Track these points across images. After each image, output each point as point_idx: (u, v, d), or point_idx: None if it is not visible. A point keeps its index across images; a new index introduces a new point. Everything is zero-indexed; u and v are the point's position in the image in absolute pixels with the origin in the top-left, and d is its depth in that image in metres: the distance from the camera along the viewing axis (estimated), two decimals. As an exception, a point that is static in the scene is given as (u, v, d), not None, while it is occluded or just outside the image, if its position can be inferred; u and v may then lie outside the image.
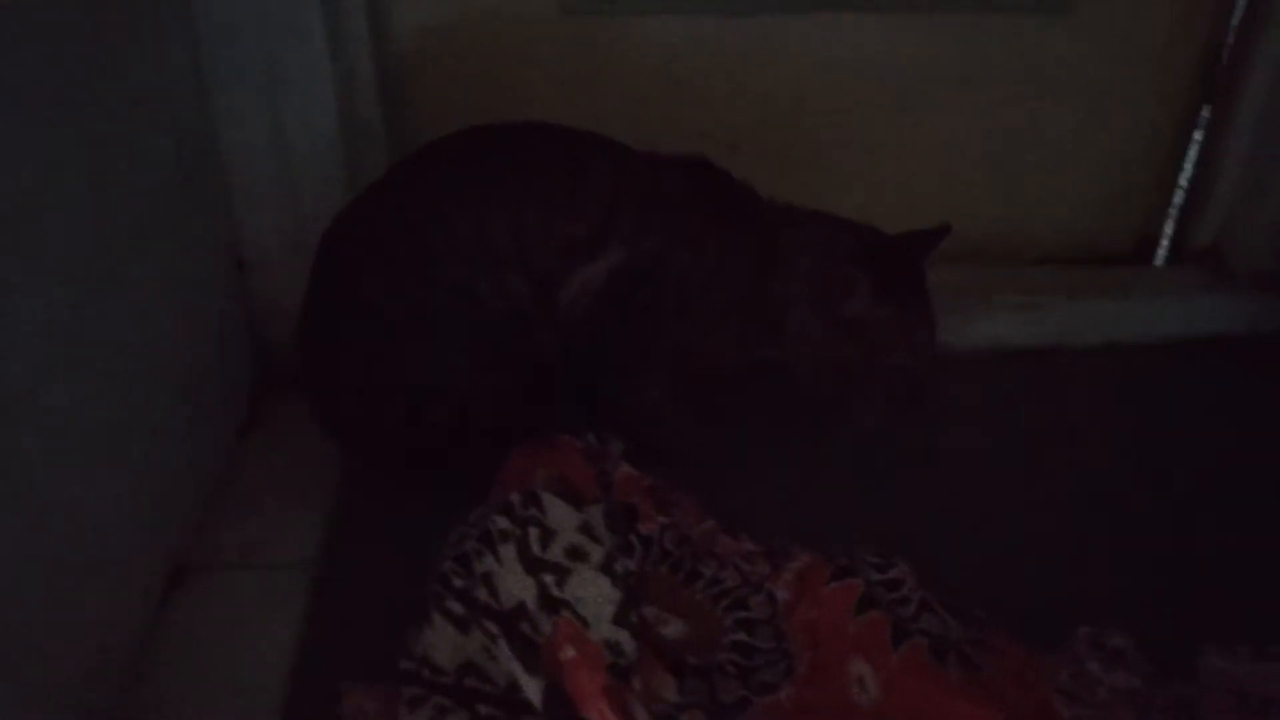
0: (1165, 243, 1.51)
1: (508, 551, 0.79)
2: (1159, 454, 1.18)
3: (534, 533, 0.80)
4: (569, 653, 0.72)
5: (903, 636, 0.80)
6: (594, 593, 0.77)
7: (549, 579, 0.78)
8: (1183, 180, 1.49)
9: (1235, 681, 0.86)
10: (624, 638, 0.75)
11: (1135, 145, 1.43)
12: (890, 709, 0.75)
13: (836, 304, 1.02)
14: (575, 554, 0.80)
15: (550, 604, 0.77)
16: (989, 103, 1.35)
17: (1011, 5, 1.31)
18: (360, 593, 0.90)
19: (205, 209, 1.06)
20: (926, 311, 1.05)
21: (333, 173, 1.14)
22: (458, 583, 0.80)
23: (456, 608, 0.78)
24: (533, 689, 0.73)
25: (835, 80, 1.31)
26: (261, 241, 1.14)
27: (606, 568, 0.80)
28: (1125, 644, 0.87)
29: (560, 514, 0.83)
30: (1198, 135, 1.44)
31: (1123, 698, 0.83)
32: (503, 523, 0.81)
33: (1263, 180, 1.38)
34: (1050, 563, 0.98)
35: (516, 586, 0.78)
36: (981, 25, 1.31)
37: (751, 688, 0.78)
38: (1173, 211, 1.51)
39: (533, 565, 0.79)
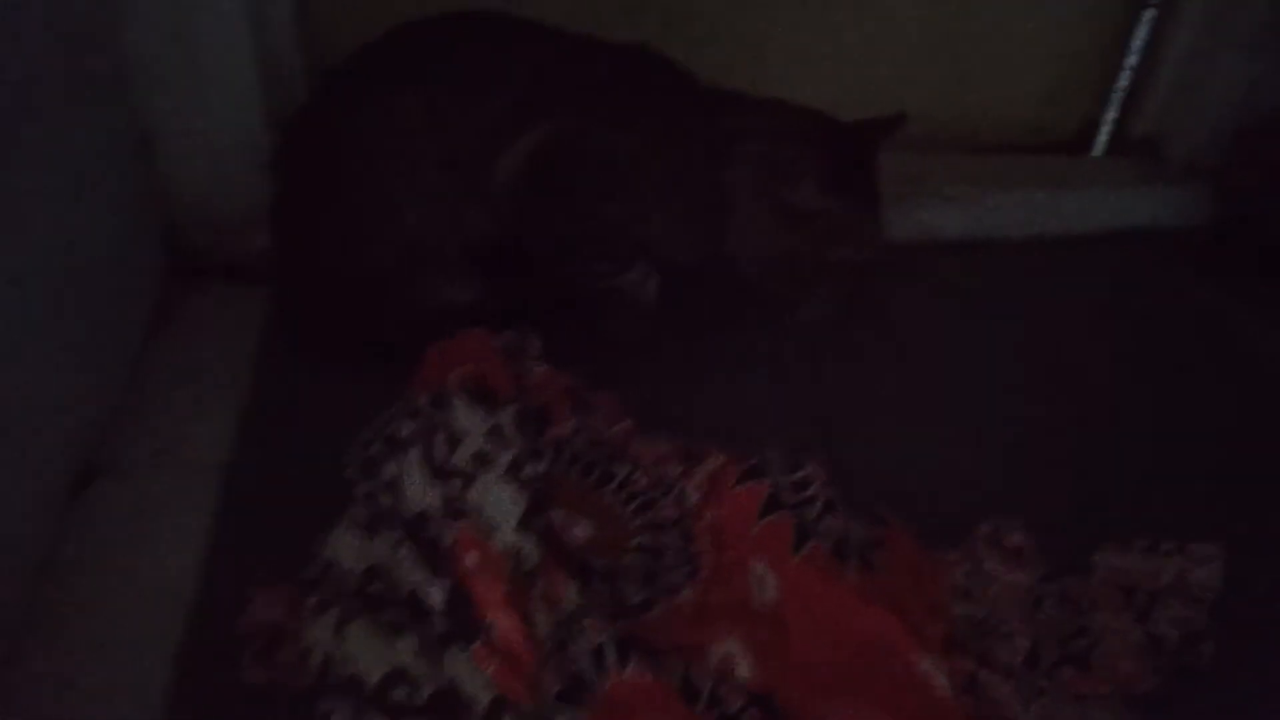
0: (1106, 130, 1.49)
1: (413, 457, 0.79)
2: (1079, 347, 1.19)
3: (440, 438, 0.80)
4: (471, 559, 0.73)
5: (804, 539, 0.81)
6: (498, 500, 0.77)
7: (453, 485, 0.78)
8: (1127, 66, 1.46)
9: (1126, 576, 0.89)
10: (528, 543, 0.76)
11: (1080, 32, 1.40)
12: (788, 611, 0.77)
13: (783, 192, 1.00)
14: (481, 460, 0.80)
15: (454, 510, 0.77)
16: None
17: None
18: (273, 493, 0.90)
19: (100, 79, 1.00)
20: (875, 203, 1.03)
21: (237, 41, 1.07)
22: (363, 488, 0.79)
23: (361, 515, 0.78)
24: (436, 594, 0.73)
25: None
26: (165, 116, 1.07)
27: (513, 473, 0.79)
28: (1023, 541, 0.90)
29: (469, 417, 0.82)
30: (1147, 16, 1.41)
31: (1014, 593, 0.86)
32: (409, 427, 0.80)
33: (1203, 72, 1.36)
34: (959, 460, 1.00)
35: (421, 494, 0.78)
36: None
37: (655, 590, 0.80)
38: (1115, 100, 1.49)
39: (437, 471, 0.78)
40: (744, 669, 0.74)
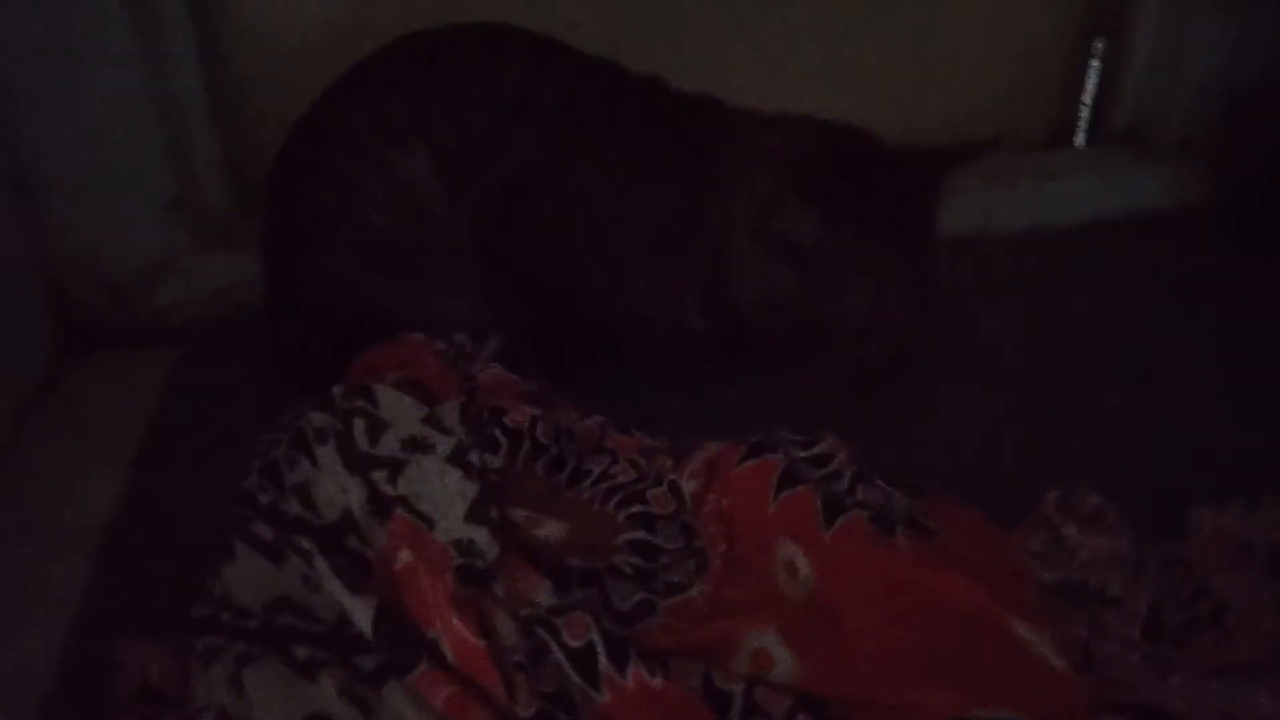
0: (1083, 125, 1.41)
1: (326, 452, 0.62)
2: (1106, 330, 1.05)
3: (360, 425, 0.63)
4: (405, 557, 0.55)
5: (837, 511, 0.63)
6: (439, 486, 0.60)
7: (379, 475, 0.60)
8: (1096, 56, 1.39)
9: (1235, 533, 0.72)
10: (480, 535, 0.58)
11: (1041, 29, 1.33)
12: (830, 593, 0.59)
13: (772, 223, 0.80)
14: (414, 445, 0.62)
15: (382, 506, 0.59)
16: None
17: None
18: (155, 552, 0.71)
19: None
20: (910, 248, 0.80)
21: (127, 77, 0.95)
22: (264, 499, 0.61)
23: (264, 531, 0.60)
24: (361, 613, 0.55)
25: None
26: (44, 149, 0.93)
27: (457, 459, 0.62)
28: (1102, 504, 0.73)
29: (397, 406, 0.65)
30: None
31: (1109, 560, 0.68)
32: (320, 419, 0.63)
33: (1179, 44, 1.28)
34: (999, 447, 0.85)
35: (338, 491, 0.60)
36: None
37: (654, 590, 0.61)
38: (1086, 97, 1.41)
39: (358, 462, 0.61)
40: (785, 665, 0.55)
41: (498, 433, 0.68)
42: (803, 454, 0.71)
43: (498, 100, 0.84)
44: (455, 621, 0.52)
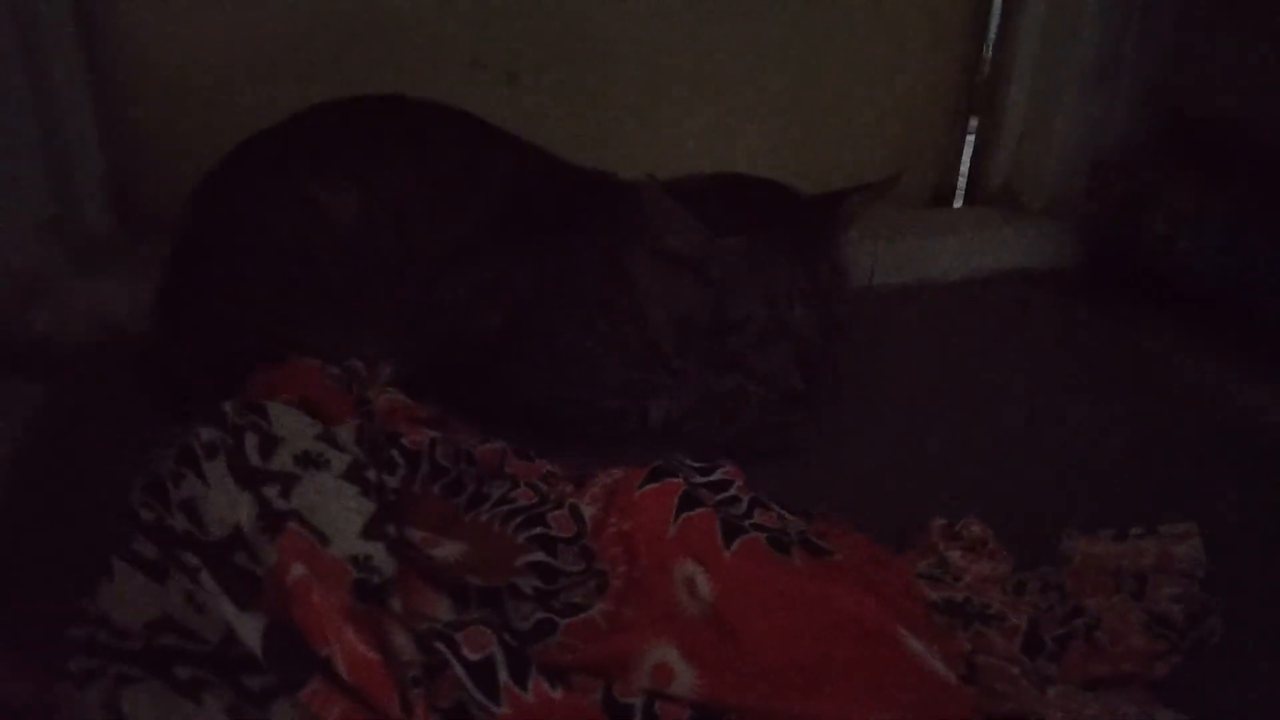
0: (961, 187, 1.49)
1: (215, 467, 0.59)
2: (982, 375, 1.10)
3: (251, 440, 0.61)
4: (298, 571, 0.53)
5: (736, 533, 0.64)
6: (334, 502, 0.58)
7: (271, 491, 0.58)
8: (971, 126, 1.48)
9: (1105, 560, 0.76)
10: (377, 551, 0.57)
11: (921, 96, 1.41)
12: (729, 609, 0.60)
13: (665, 240, 0.82)
14: (309, 461, 0.61)
15: (274, 521, 0.57)
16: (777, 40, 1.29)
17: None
18: (21, 577, 0.67)
19: None
20: (805, 262, 0.82)
21: (5, 92, 0.92)
22: (148, 516, 0.59)
23: (147, 549, 0.58)
24: (250, 631, 0.52)
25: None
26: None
27: (354, 475, 0.61)
28: (984, 532, 0.76)
29: (291, 422, 0.64)
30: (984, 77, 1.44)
31: (991, 582, 0.71)
32: (208, 434, 0.61)
33: (1046, 116, 1.38)
34: (887, 481, 0.88)
35: (227, 507, 0.58)
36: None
37: (554, 610, 0.61)
38: (964, 163, 1.50)
39: (249, 477, 0.59)
40: (685, 678, 0.55)
41: (395, 454, 0.67)
42: (701, 480, 0.73)
43: (444, 179, 0.87)
44: (350, 636, 0.51)
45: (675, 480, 0.69)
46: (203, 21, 1.05)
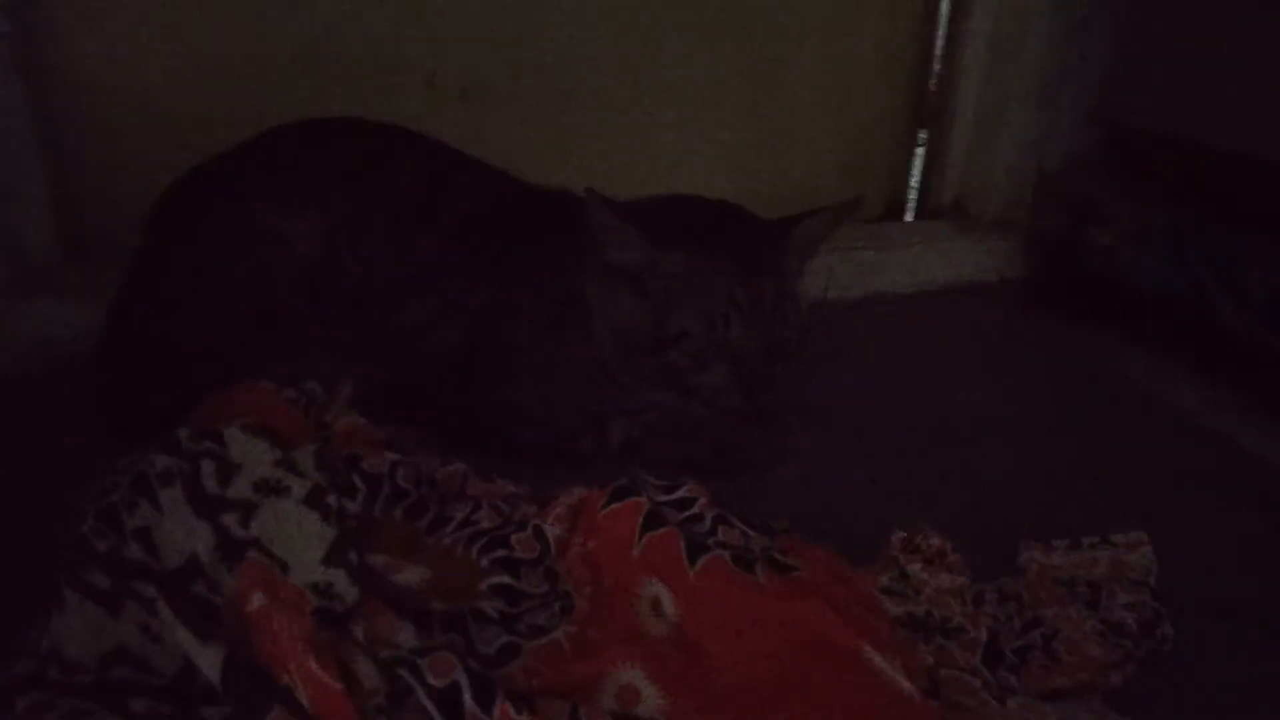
0: (912, 201, 1.51)
1: (171, 495, 0.58)
2: (936, 386, 1.12)
3: (209, 467, 0.60)
4: (258, 600, 0.52)
5: (700, 551, 0.65)
6: (295, 529, 0.57)
7: (230, 519, 0.57)
8: (920, 140, 1.50)
9: (1060, 570, 0.77)
10: (339, 578, 0.56)
11: (875, 116, 1.43)
12: (695, 628, 0.60)
13: (607, 253, 0.83)
14: (268, 488, 0.60)
15: (232, 549, 0.56)
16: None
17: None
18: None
19: None
20: (746, 277, 0.82)
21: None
22: (101, 545, 0.57)
23: (99, 579, 0.56)
24: (209, 662, 0.51)
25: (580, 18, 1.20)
26: None
27: (314, 501, 0.60)
28: (943, 544, 0.77)
29: (249, 449, 0.63)
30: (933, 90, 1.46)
31: (950, 594, 0.72)
32: (163, 462, 0.60)
33: (993, 131, 1.41)
34: (845, 494, 0.89)
35: (184, 536, 0.57)
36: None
37: (518, 633, 0.60)
38: (913, 179, 1.52)
39: (207, 506, 0.58)
40: (650, 700, 0.55)
41: (355, 478, 0.67)
42: (664, 498, 0.73)
43: (400, 203, 0.87)
44: (312, 665, 0.50)
45: (639, 499, 0.69)
46: (150, 45, 1.03)
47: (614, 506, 0.68)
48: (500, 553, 0.66)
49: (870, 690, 0.55)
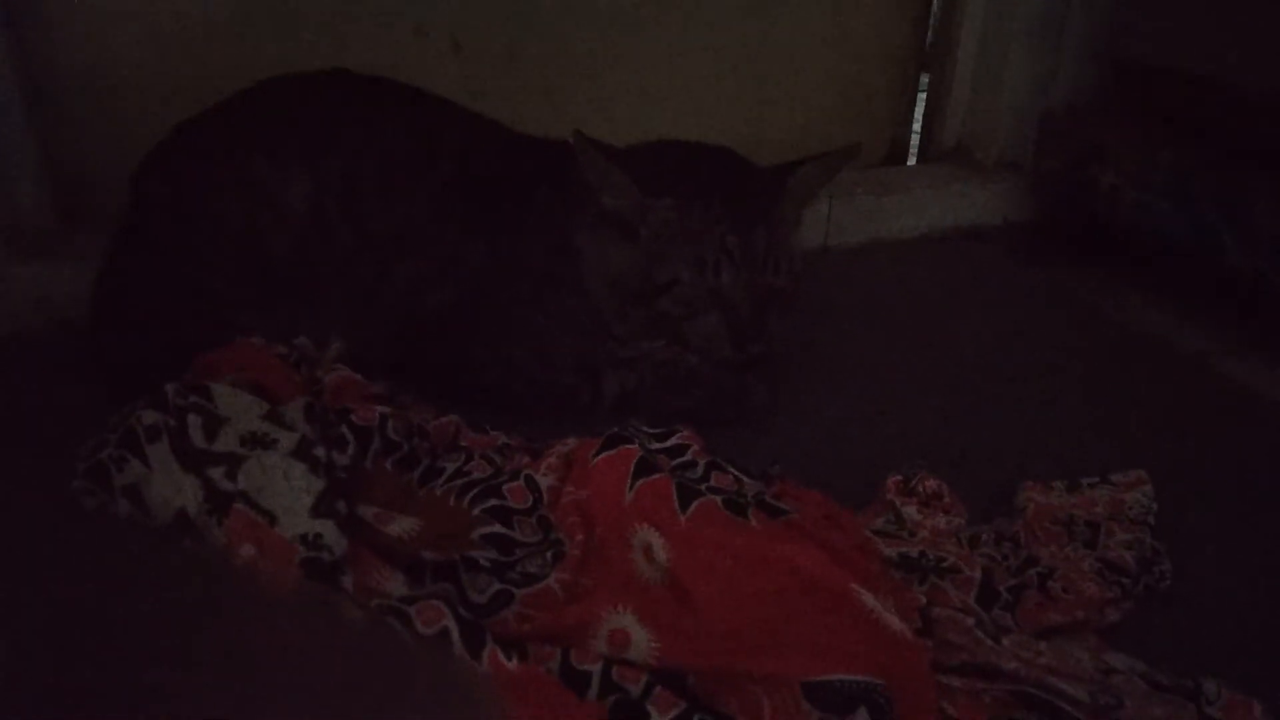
0: (915, 145, 1.49)
1: (158, 450, 0.58)
2: (937, 331, 1.11)
3: (195, 421, 0.60)
4: (247, 552, 0.52)
5: (692, 497, 0.64)
6: (282, 481, 0.57)
7: (216, 472, 0.57)
8: (922, 84, 1.48)
9: (1058, 510, 0.77)
10: (328, 529, 0.56)
11: (875, 57, 1.40)
12: (686, 573, 0.59)
13: (601, 198, 0.81)
14: (255, 441, 0.60)
15: (220, 502, 0.56)
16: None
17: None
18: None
19: None
20: (740, 225, 0.80)
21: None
22: (89, 503, 0.58)
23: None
24: (199, 614, 0.52)
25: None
26: None
27: (302, 454, 0.60)
28: (939, 486, 0.77)
29: (235, 403, 0.63)
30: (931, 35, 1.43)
31: (946, 536, 0.71)
32: (150, 417, 0.60)
33: (995, 73, 1.38)
34: (843, 440, 0.88)
35: (172, 491, 0.57)
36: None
37: (510, 581, 0.60)
38: (916, 121, 1.50)
39: (194, 459, 0.58)
40: (641, 644, 0.55)
41: (345, 430, 0.66)
42: (657, 445, 0.72)
43: (392, 158, 0.85)
44: (300, 616, 0.50)
45: (630, 447, 0.68)
46: (136, 2, 1.02)
47: (606, 454, 0.68)
48: (492, 502, 0.66)
49: (860, 629, 0.55)
